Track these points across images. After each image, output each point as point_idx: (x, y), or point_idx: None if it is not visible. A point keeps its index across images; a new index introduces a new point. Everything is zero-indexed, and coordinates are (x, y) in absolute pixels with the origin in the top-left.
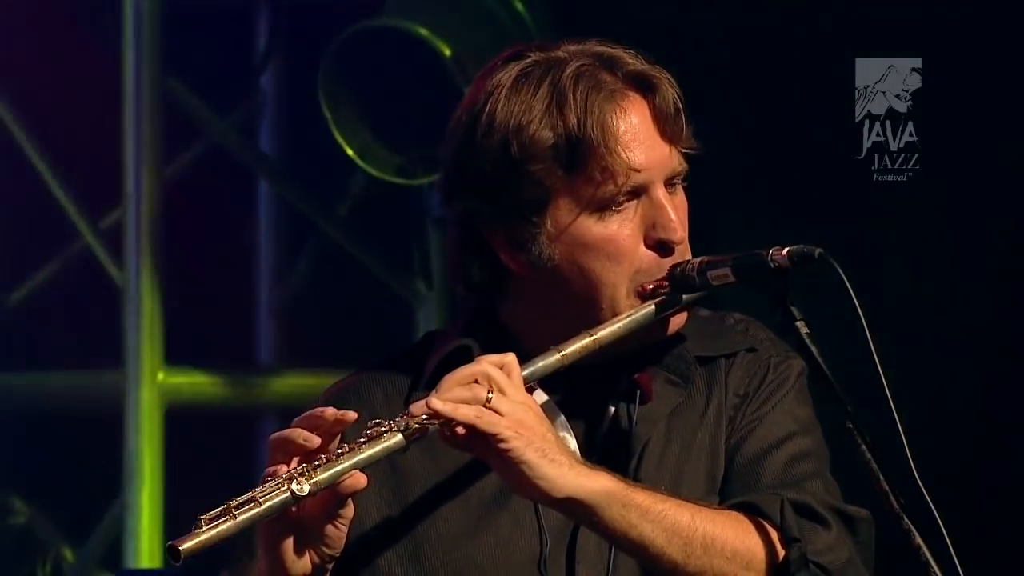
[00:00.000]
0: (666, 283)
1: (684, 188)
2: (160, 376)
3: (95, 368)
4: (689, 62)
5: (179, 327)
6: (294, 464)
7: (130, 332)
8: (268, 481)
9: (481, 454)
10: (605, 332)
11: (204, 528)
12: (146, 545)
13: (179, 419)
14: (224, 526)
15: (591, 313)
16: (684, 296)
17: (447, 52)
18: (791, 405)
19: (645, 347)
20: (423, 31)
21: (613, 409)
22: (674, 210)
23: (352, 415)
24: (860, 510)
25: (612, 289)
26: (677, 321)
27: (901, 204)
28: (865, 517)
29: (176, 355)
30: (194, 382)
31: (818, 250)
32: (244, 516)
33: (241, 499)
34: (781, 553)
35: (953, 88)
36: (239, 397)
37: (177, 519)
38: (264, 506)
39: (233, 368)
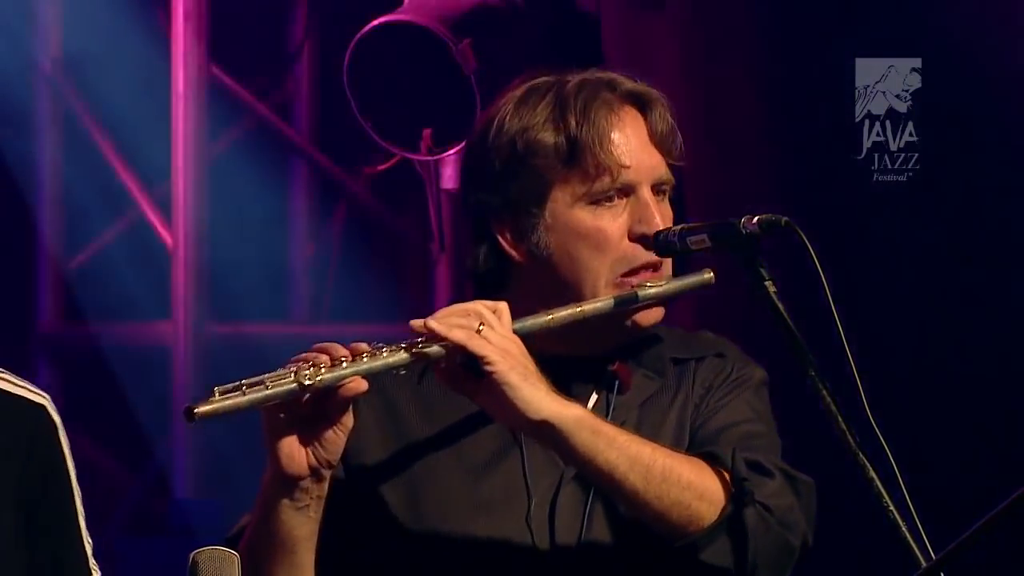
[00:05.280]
0: (648, 274)
1: (671, 202)
2: (204, 326)
3: (148, 319)
4: (689, 61)
5: (222, 283)
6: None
7: (178, 288)
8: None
9: (469, 389)
10: (591, 306)
11: (218, 398)
12: (192, 475)
13: (221, 364)
14: (234, 400)
15: (576, 299)
16: (663, 287)
17: (455, 42)
18: (751, 399)
19: (626, 346)
20: (435, 24)
21: (596, 397)
22: (657, 211)
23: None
24: (804, 475)
25: (595, 276)
26: (654, 315)
27: (901, 204)
28: (808, 481)
29: (219, 308)
30: (235, 331)
31: (784, 218)
32: (253, 395)
33: (252, 380)
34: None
35: (953, 88)
36: (274, 345)
37: (218, 453)
38: (271, 390)
39: (270, 319)
